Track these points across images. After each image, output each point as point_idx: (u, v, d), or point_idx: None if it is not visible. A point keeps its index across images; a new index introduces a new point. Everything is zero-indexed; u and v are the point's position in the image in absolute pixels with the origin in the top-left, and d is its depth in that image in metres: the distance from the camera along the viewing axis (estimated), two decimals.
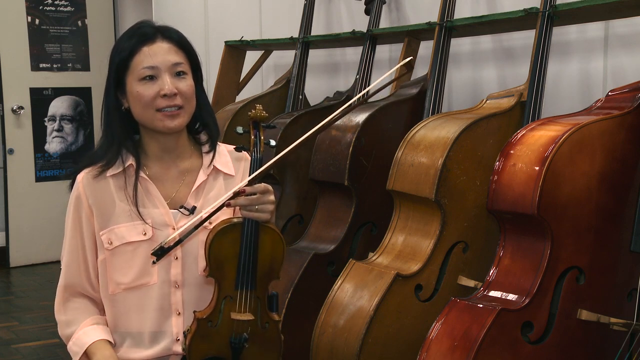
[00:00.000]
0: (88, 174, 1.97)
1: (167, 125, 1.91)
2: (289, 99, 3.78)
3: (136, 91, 1.90)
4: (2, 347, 4.00)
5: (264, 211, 1.88)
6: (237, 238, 1.89)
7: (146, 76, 1.90)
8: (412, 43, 3.24)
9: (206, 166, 2.02)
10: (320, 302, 2.56)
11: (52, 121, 5.89)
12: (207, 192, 2.02)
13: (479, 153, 2.48)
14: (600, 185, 2.09)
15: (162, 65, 1.90)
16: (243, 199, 1.86)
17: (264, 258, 1.92)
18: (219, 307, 1.90)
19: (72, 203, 1.98)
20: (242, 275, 1.89)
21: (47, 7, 5.85)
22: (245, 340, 1.91)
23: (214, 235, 1.88)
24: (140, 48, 1.91)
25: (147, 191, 1.97)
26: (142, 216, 1.95)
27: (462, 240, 2.50)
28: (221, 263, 1.89)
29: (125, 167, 1.96)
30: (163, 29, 1.95)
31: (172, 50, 1.93)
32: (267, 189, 1.89)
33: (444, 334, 2.08)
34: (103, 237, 1.96)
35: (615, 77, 2.75)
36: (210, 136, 2.04)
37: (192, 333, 1.90)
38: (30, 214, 5.77)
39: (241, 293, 1.90)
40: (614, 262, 2.15)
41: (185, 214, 1.98)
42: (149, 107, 1.90)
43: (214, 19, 4.85)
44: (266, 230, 1.91)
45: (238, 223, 1.89)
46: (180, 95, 1.91)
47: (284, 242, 1.95)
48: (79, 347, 1.96)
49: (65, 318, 2.01)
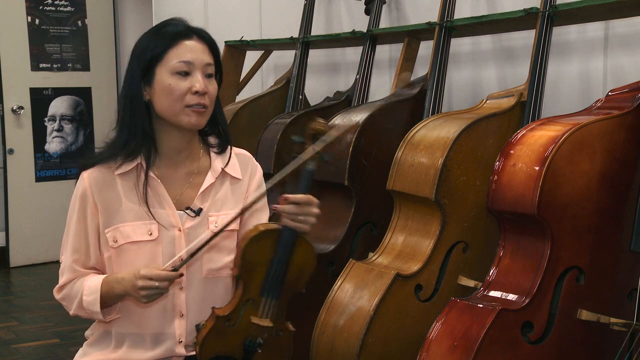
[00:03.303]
0: (95, 169, 1.96)
1: (192, 122, 1.91)
2: (289, 99, 3.78)
3: (168, 83, 1.89)
4: (2, 347, 4.00)
5: (306, 222, 1.88)
6: (273, 245, 1.88)
7: (182, 71, 1.89)
8: (412, 43, 3.24)
9: (215, 169, 2.02)
10: (320, 302, 2.56)
11: (52, 121, 5.89)
12: (214, 194, 2.01)
13: (479, 153, 2.48)
14: (600, 185, 2.09)
15: (197, 63, 1.90)
16: (290, 207, 1.86)
17: (294, 268, 1.91)
18: (240, 308, 1.90)
19: (78, 198, 1.96)
20: (271, 283, 1.89)
21: (47, 7, 5.84)
22: (259, 345, 1.92)
23: (250, 237, 1.87)
24: (179, 41, 1.91)
25: (155, 191, 1.97)
26: (153, 216, 1.94)
27: (462, 240, 2.50)
28: (253, 266, 1.89)
29: (135, 165, 1.95)
30: (198, 29, 1.96)
31: (206, 51, 1.94)
32: (313, 200, 1.89)
33: (444, 334, 2.08)
34: (108, 235, 1.95)
35: (615, 77, 2.75)
36: (222, 140, 2.04)
37: (207, 328, 1.89)
38: (30, 214, 5.76)
39: (265, 300, 1.90)
40: (614, 262, 2.15)
41: (191, 215, 1.97)
42: (178, 101, 1.89)
43: (214, 19, 4.85)
44: (302, 242, 1.91)
45: (277, 229, 1.88)
46: (208, 95, 1.91)
47: (315, 257, 1.94)
48: (93, 291, 1.92)
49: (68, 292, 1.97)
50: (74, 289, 1.96)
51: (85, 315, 1.97)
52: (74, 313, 1.99)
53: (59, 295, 2.01)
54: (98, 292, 1.91)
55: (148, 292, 1.82)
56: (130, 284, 1.85)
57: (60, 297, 2.01)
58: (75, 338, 4.06)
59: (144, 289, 1.82)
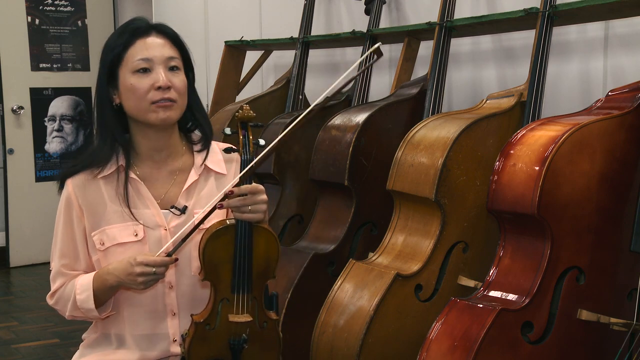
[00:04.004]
0: (78, 176, 1.96)
1: (160, 117, 1.89)
2: (289, 99, 3.78)
3: (130, 83, 1.89)
4: (2, 347, 4.00)
5: (256, 212, 1.85)
6: (231, 240, 1.87)
7: (140, 68, 1.88)
8: (412, 43, 3.24)
9: (198, 165, 2.01)
10: (320, 302, 2.56)
11: (52, 121, 5.89)
12: (199, 191, 2.00)
13: (479, 153, 2.48)
14: (600, 185, 2.09)
15: (157, 58, 1.89)
16: (235, 201, 1.83)
17: (259, 259, 1.90)
18: (216, 309, 1.89)
19: (63, 204, 1.97)
20: (238, 279, 1.88)
21: (47, 7, 5.85)
22: (245, 341, 1.91)
23: (207, 239, 1.86)
24: (135, 41, 1.90)
25: (138, 192, 1.96)
26: (135, 217, 1.94)
27: (462, 240, 2.50)
28: (216, 266, 1.87)
29: (116, 167, 1.95)
30: (157, 25, 1.95)
31: (167, 45, 1.93)
32: (257, 188, 1.86)
33: (444, 334, 2.08)
34: (95, 238, 1.95)
35: (615, 77, 2.75)
36: (203, 135, 2.03)
37: (190, 337, 1.89)
38: (30, 214, 5.76)
39: (238, 296, 1.89)
40: (614, 262, 2.15)
41: (176, 214, 1.97)
42: (143, 99, 1.88)
43: (214, 19, 4.85)
44: (259, 231, 1.89)
45: (231, 225, 1.87)
46: (174, 89, 1.90)
47: (277, 241, 1.93)
48: (85, 288, 1.92)
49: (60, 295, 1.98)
50: (66, 291, 1.97)
51: (81, 315, 1.97)
52: (70, 315, 1.99)
53: (52, 300, 2.01)
54: (90, 288, 1.91)
55: (145, 279, 1.82)
56: (124, 272, 1.84)
57: (53, 302, 2.01)
58: (75, 338, 4.06)
59: (141, 275, 1.82)
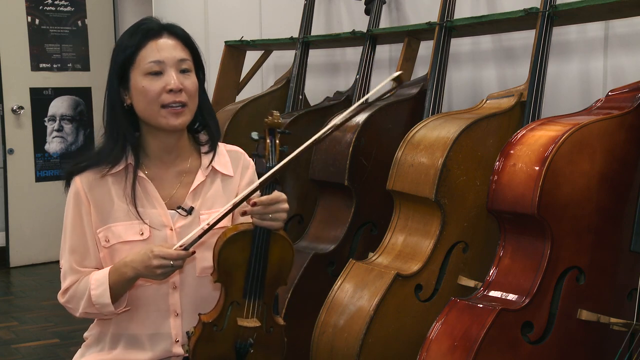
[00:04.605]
0: (86, 173, 1.95)
1: (171, 123, 1.90)
2: (289, 99, 3.78)
3: (141, 85, 1.89)
4: (2, 347, 4.00)
5: (277, 220, 1.85)
6: (247, 246, 1.86)
7: (152, 71, 1.88)
8: (412, 43, 3.24)
9: (205, 167, 2.01)
10: (320, 302, 2.56)
11: (52, 121, 5.89)
12: (205, 192, 2.01)
13: (479, 153, 2.48)
14: (600, 185, 2.09)
15: (169, 61, 1.89)
16: (259, 208, 1.83)
17: (272, 265, 1.89)
18: (225, 312, 1.89)
19: (71, 199, 1.96)
20: (251, 284, 1.87)
21: (47, 7, 5.84)
22: (251, 345, 1.91)
23: (223, 242, 1.85)
24: (147, 42, 1.90)
25: (146, 191, 1.97)
26: (141, 216, 1.94)
27: (462, 240, 2.50)
28: (230, 270, 1.87)
29: (125, 165, 1.95)
30: (169, 26, 1.95)
31: (179, 47, 1.92)
32: (280, 197, 1.85)
33: (444, 334, 2.08)
34: (100, 235, 1.95)
35: (615, 77, 2.75)
36: (211, 137, 2.03)
37: (196, 336, 1.88)
38: (30, 214, 5.76)
39: (249, 301, 1.89)
40: (614, 262, 2.15)
41: (182, 214, 1.97)
42: (154, 102, 1.88)
43: (214, 19, 4.85)
44: (276, 238, 1.88)
45: (249, 230, 1.86)
46: (186, 91, 1.90)
47: (293, 249, 1.92)
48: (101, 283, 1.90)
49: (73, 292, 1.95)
50: (80, 288, 1.94)
51: (95, 311, 1.93)
52: (82, 312, 1.96)
53: (64, 298, 1.98)
54: (106, 282, 1.89)
55: (164, 270, 1.82)
56: (142, 264, 1.83)
57: (65, 300, 1.98)
58: (75, 338, 4.06)
59: (159, 268, 1.81)
